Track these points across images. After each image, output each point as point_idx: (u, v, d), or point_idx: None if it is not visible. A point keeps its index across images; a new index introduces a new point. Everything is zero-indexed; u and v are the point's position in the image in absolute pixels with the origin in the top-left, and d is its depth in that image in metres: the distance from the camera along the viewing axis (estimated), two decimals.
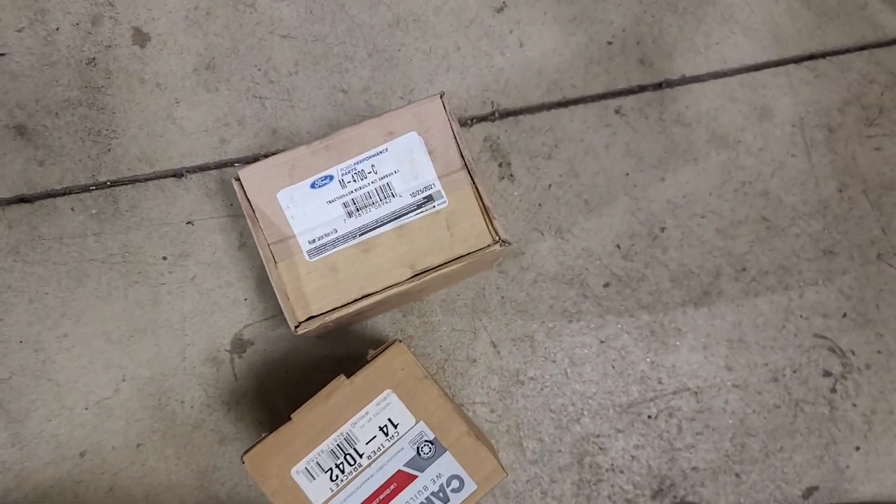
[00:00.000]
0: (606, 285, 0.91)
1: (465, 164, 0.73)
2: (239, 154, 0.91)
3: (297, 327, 0.70)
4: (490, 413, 0.86)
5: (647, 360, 0.89)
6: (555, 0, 0.95)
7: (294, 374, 0.86)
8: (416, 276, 0.71)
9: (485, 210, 0.72)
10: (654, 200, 0.91)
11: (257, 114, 0.91)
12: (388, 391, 0.67)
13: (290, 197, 0.72)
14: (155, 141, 0.91)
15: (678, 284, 0.90)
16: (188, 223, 0.89)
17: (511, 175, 0.92)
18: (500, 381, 0.88)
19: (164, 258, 0.90)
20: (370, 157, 0.72)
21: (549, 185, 0.91)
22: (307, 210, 0.72)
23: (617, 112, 0.94)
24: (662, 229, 0.92)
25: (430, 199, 0.73)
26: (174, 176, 0.91)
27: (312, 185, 0.73)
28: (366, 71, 0.92)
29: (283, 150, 0.74)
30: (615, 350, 0.89)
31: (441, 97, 0.73)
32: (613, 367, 0.89)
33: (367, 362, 0.69)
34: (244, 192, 0.72)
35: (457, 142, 0.73)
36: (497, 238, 0.72)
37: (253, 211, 0.71)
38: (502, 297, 0.90)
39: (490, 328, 0.89)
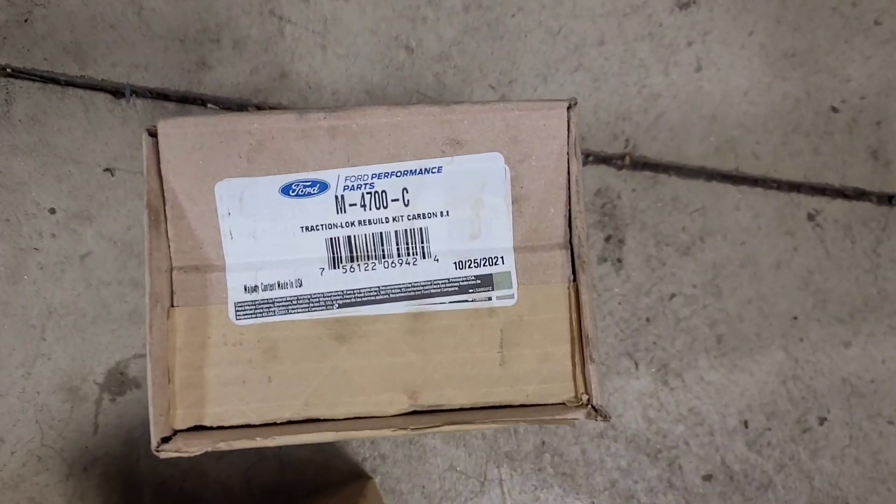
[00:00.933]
0: (708, 478, 0.56)
1: (572, 242, 0.41)
2: (218, 90, 0.61)
3: (161, 443, 0.36)
4: None
5: None
6: (772, 18, 0.59)
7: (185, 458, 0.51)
8: (413, 413, 0.38)
9: (579, 338, 0.38)
10: (824, 372, 0.60)
11: (268, 39, 0.61)
12: None
13: (238, 197, 0.38)
14: (100, 31, 0.61)
15: None
16: (107, 170, 0.56)
17: (619, 260, 0.57)
18: None
19: (52, 211, 0.55)
20: (407, 174, 0.40)
21: (672, 296, 0.56)
22: (262, 229, 0.40)
23: (810, 218, 0.58)
24: (822, 420, 0.57)
25: (487, 281, 0.40)
26: (112, 92, 0.57)
27: (285, 190, 0.38)
28: (452, 29, 0.60)
29: (278, 109, 0.38)
30: None
31: (570, 108, 0.38)
32: None
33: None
34: (156, 160, 0.37)
35: (569, 195, 0.41)
36: (585, 400, 0.36)
37: (163, 199, 0.38)
38: (542, 444, 0.56)
39: (509, 484, 0.55)
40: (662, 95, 0.62)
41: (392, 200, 0.40)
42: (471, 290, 0.41)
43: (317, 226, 0.40)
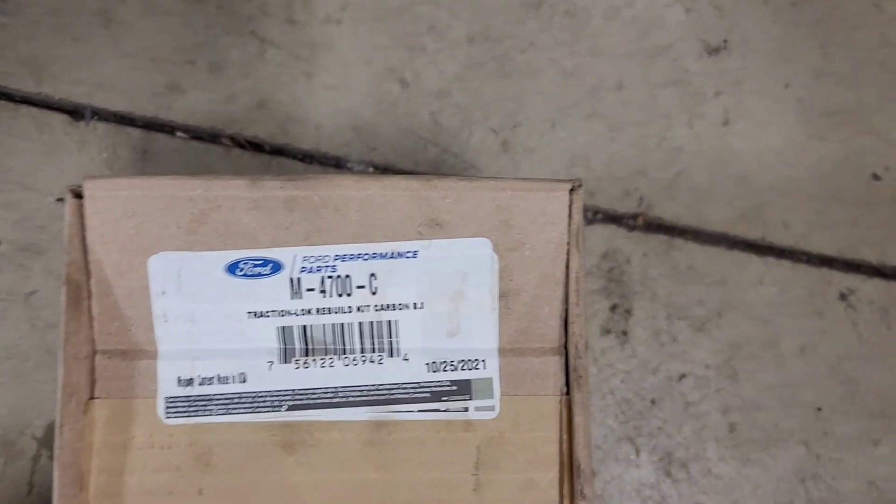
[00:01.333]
0: None
1: (568, 349, 0.35)
2: (190, 117, 0.56)
3: None
4: None
5: None
6: (812, 70, 0.53)
7: None
8: None
9: (569, 465, 0.35)
10: (849, 473, 0.56)
11: (248, 62, 0.56)
12: None
13: (175, 273, 0.33)
14: (63, 44, 0.56)
15: None
16: (60, 199, 0.50)
17: (624, 332, 0.52)
18: None
19: None
20: (376, 257, 0.35)
21: (682, 376, 0.52)
22: (202, 312, 0.35)
23: (843, 298, 0.53)
24: None
25: (465, 388, 0.35)
26: (70, 113, 0.53)
27: (231, 268, 0.32)
28: (454, 63, 0.56)
29: (272, 146, 0.38)
30: None
31: (573, 190, 0.33)
32: None
33: None
34: (81, 226, 0.32)
35: (566, 293, 0.35)
36: None
37: (87, 272, 0.34)
38: None
39: None
40: (685, 150, 0.56)
41: (357, 287, 0.34)
42: (445, 398, 0.35)
43: (267, 311, 0.34)
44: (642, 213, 0.56)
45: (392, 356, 0.35)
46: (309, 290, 0.34)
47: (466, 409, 0.35)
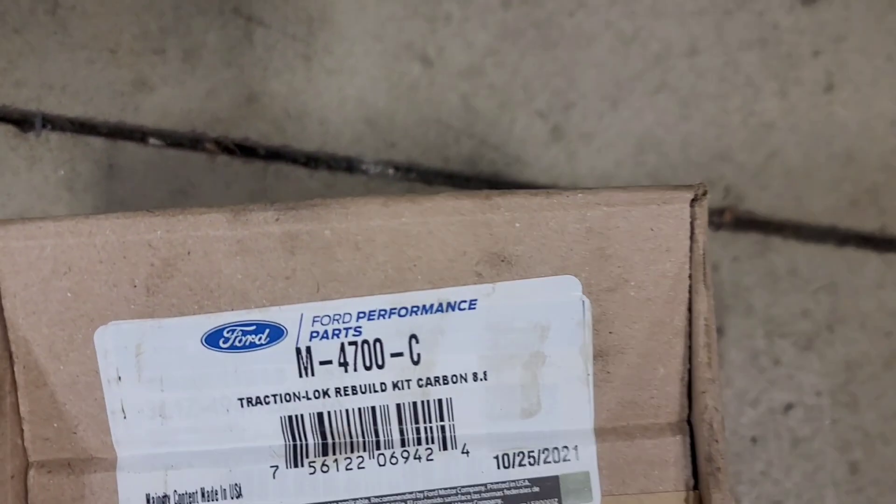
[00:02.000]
0: None
1: (693, 424, 0.26)
2: (162, 119, 0.47)
3: None
4: None
5: None
6: None
7: None
8: None
9: None
10: None
11: (231, 48, 0.48)
12: None
13: (134, 350, 0.25)
14: (4, 37, 0.47)
15: None
16: None
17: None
18: None
19: None
20: (417, 312, 0.25)
21: (788, 407, 0.47)
22: (174, 402, 0.25)
23: None
24: None
25: (551, 489, 0.26)
26: (16, 122, 0.48)
27: (212, 339, 0.23)
28: (485, 33, 0.49)
29: (267, 150, 0.40)
30: None
31: (695, 200, 0.23)
32: None
33: None
34: None
35: (690, 348, 0.26)
36: None
37: (9, 357, 0.25)
38: None
39: None
40: (777, 126, 0.48)
41: (392, 355, 0.25)
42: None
43: (266, 397, 0.25)
44: (729, 208, 0.48)
45: (445, 448, 0.26)
46: (324, 363, 0.25)
47: None
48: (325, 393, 0.25)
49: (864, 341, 0.47)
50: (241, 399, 0.25)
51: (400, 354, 0.25)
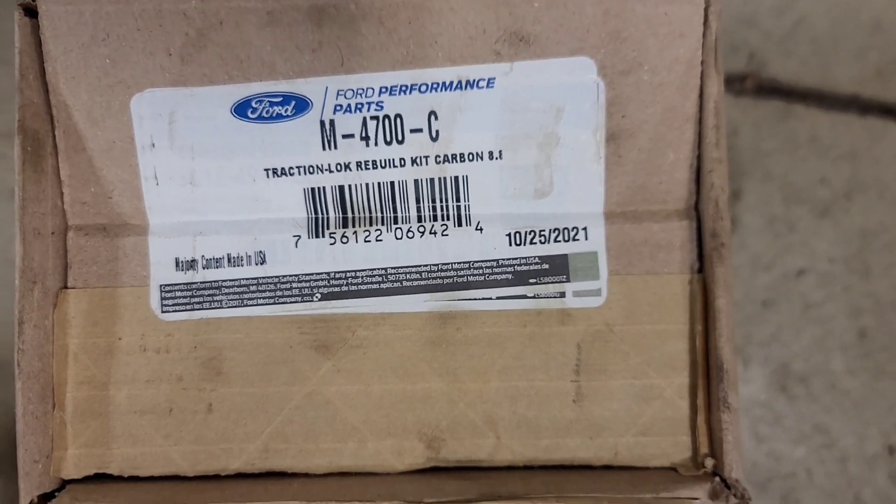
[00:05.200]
0: None
1: (700, 209, 0.27)
2: None
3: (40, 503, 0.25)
4: None
5: None
6: None
7: None
8: (433, 471, 0.27)
9: (704, 366, 0.26)
10: None
11: None
12: None
13: (167, 118, 0.26)
14: None
15: None
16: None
17: (732, 220, 0.42)
18: None
19: None
20: (437, 89, 0.26)
21: (801, 272, 0.47)
22: (204, 170, 0.26)
23: None
24: None
25: (560, 266, 0.27)
26: None
27: (241, 109, 0.24)
28: None
29: None
30: None
31: None
32: None
33: None
34: (38, 55, 0.24)
35: (700, 133, 0.26)
36: (711, 467, 0.22)
37: (50, 119, 0.26)
38: None
39: None
40: None
41: (411, 131, 0.26)
42: (533, 280, 0.26)
43: (291, 168, 0.26)
44: (752, 74, 0.47)
45: (460, 225, 0.26)
46: (346, 136, 0.26)
47: (563, 295, 0.26)
48: (347, 166, 0.26)
49: (880, 210, 0.47)
50: (266, 169, 0.26)
51: (419, 130, 0.26)
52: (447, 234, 0.26)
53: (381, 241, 0.26)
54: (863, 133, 0.47)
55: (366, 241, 0.26)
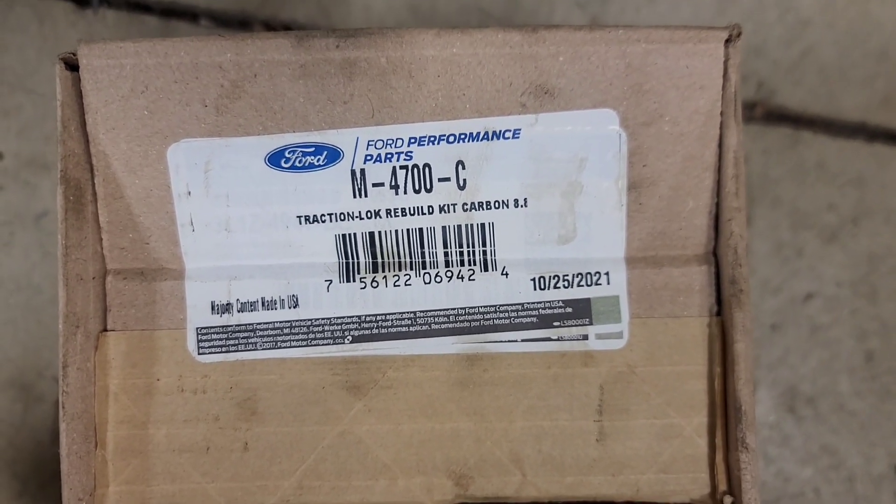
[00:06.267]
0: None
1: (718, 255, 0.27)
2: (212, 2, 0.48)
3: None
4: None
5: None
6: None
7: None
8: None
9: (723, 406, 0.28)
10: None
11: None
12: None
13: (203, 167, 0.26)
14: None
15: None
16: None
17: None
18: None
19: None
20: (464, 140, 0.27)
21: (809, 297, 0.48)
22: (238, 218, 0.27)
23: None
24: None
25: (583, 310, 0.28)
26: (75, 0, 0.44)
27: (275, 159, 0.25)
28: None
29: (273, 32, 0.29)
30: None
31: (729, 41, 0.25)
32: None
33: None
34: (79, 107, 0.24)
35: (719, 182, 0.27)
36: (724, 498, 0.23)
37: (90, 168, 0.27)
38: None
39: None
40: (813, 23, 0.47)
41: (439, 180, 0.27)
42: (557, 324, 0.27)
43: (322, 216, 0.27)
44: (761, 102, 0.48)
45: (486, 270, 0.27)
46: (376, 185, 0.27)
47: (585, 337, 0.27)
48: (377, 213, 0.27)
49: (888, 235, 0.48)
50: (299, 216, 0.27)
51: (447, 179, 0.27)
52: (474, 279, 0.27)
53: (409, 285, 0.27)
54: (870, 159, 0.48)
55: (395, 286, 0.27)
